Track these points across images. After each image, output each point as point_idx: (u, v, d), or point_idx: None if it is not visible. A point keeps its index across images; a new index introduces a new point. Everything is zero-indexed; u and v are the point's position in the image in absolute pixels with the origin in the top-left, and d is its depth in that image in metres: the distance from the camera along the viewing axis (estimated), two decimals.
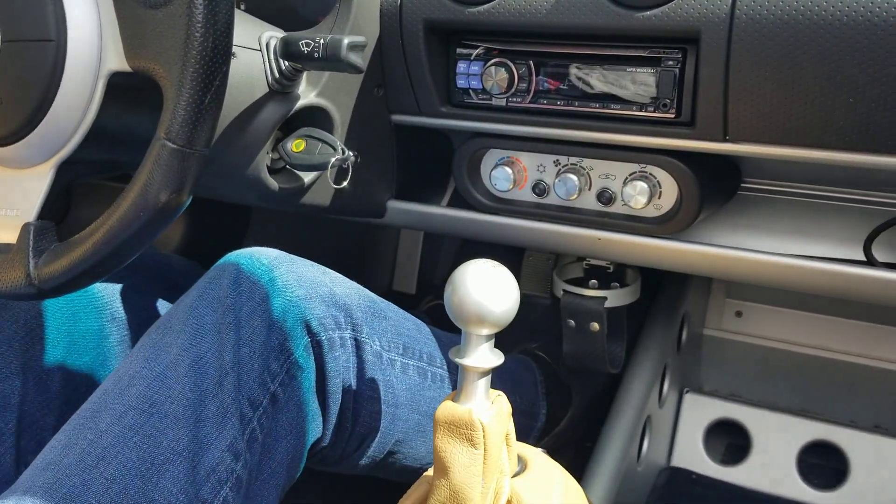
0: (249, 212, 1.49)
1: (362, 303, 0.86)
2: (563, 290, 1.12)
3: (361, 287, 0.89)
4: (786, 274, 0.87)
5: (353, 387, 0.83)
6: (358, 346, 0.83)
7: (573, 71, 0.89)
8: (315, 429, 0.82)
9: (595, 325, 1.10)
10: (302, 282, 0.81)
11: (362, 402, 0.84)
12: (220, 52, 0.61)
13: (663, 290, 1.32)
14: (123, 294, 0.99)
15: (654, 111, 0.85)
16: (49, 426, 0.88)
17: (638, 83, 0.85)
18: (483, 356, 0.66)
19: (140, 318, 0.99)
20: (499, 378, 1.06)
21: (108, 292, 0.97)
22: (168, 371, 0.72)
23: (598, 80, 0.87)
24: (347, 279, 0.88)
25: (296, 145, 0.87)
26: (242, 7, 1.03)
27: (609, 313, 1.10)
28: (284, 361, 0.78)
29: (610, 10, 0.81)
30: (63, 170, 0.69)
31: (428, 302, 1.51)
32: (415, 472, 0.77)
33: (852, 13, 0.71)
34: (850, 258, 0.90)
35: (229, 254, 0.82)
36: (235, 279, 0.79)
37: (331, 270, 0.87)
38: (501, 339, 0.68)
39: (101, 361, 0.95)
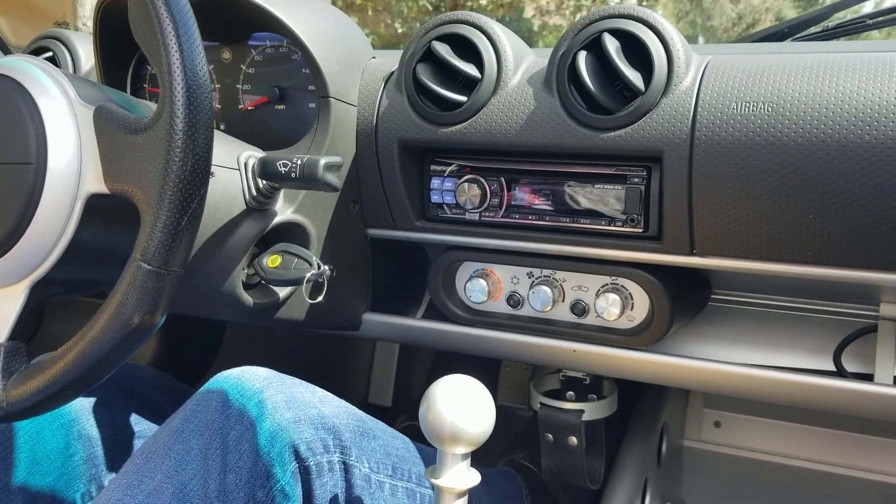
0: (224, 324, 1.48)
1: (351, 423, 0.84)
2: (541, 403, 1.11)
3: (349, 405, 0.88)
4: (758, 385, 0.88)
5: None
6: (346, 469, 0.81)
7: (544, 187, 0.91)
8: None
9: (573, 440, 1.09)
10: (291, 404, 0.79)
11: None
12: (198, 175, 0.63)
13: (641, 400, 1.32)
14: (91, 410, 0.96)
15: (622, 226, 0.87)
16: None
17: (606, 199, 0.88)
18: (459, 476, 0.65)
19: (108, 435, 0.96)
20: (486, 492, 1.04)
21: (75, 408, 0.95)
22: (151, 499, 0.70)
23: (568, 195, 0.90)
24: (335, 397, 0.87)
25: (271, 261, 0.88)
26: (222, 127, 1.06)
27: (587, 426, 1.09)
28: (270, 489, 0.75)
29: (577, 131, 0.84)
30: (37, 290, 0.69)
31: (402, 422, 1.48)
32: None
33: (807, 135, 0.74)
34: (820, 369, 0.91)
35: (218, 375, 0.81)
36: (224, 402, 0.77)
37: (319, 388, 0.86)
38: (486, 449, 0.68)
39: (66, 482, 0.91)
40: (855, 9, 1.33)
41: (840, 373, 0.90)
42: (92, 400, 0.97)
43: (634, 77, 0.81)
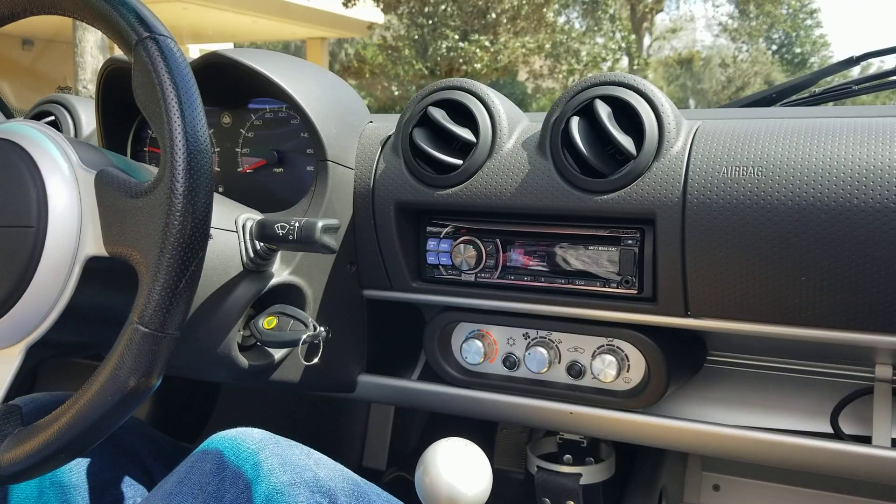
0: (219, 384, 1.47)
1: (346, 486, 0.83)
2: (538, 467, 1.10)
3: (344, 468, 0.87)
4: (757, 448, 0.87)
5: None
6: None
7: (539, 248, 0.92)
8: None
9: None
10: (287, 466, 0.78)
11: None
12: (197, 239, 0.63)
13: (639, 463, 1.30)
14: None
15: (616, 287, 0.88)
16: None
17: (600, 261, 0.89)
18: None
19: (82, 482, 0.94)
20: None
21: None
22: None
23: (562, 257, 0.91)
24: (330, 459, 0.86)
25: (267, 322, 0.88)
26: (221, 190, 1.08)
27: (585, 490, 1.07)
28: None
29: (570, 193, 0.86)
30: (33, 352, 0.69)
31: (391, 473, 1.46)
32: None
33: (796, 198, 0.76)
34: (818, 431, 0.91)
35: (213, 436, 0.80)
36: (219, 464, 0.76)
37: (314, 451, 0.85)
38: None
39: None
40: (842, 74, 1.36)
41: (838, 435, 0.90)
42: None
43: (626, 142, 0.83)
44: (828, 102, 1.25)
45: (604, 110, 0.84)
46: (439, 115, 0.93)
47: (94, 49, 7.55)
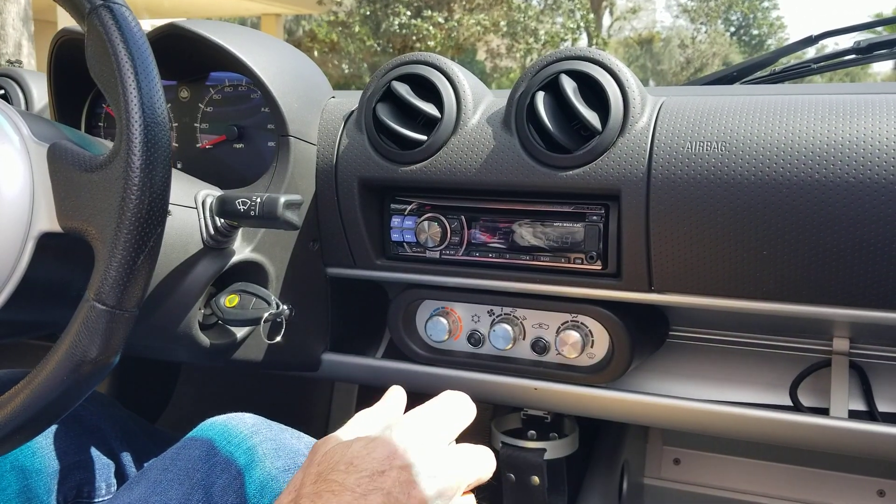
0: (179, 364, 1.45)
1: None
2: (502, 443, 1.10)
3: None
4: (717, 421, 0.89)
5: None
6: None
7: (503, 225, 0.92)
8: None
9: (535, 479, 1.08)
10: (280, 452, 0.77)
11: None
12: (155, 214, 0.61)
13: (601, 439, 1.32)
14: None
15: (581, 263, 0.88)
16: None
17: (566, 237, 0.89)
18: None
19: (44, 466, 0.91)
20: None
21: None
22: None
23: (527, 233, 0.91)
24: None
25: (229, 300, 0.87)
26: (179, 166, 1.05)
27: (549, 465, 1.08)
28: None
29: (536, 169, 0.85)
30: None
31: None
32: None
33: (759, 173, 0.76)
34: (777, 403, 0.92)
35: (204, 422, 0.78)
36: (208, 450, 0.74)
37: (303, 434, 0.84)
38: None
39: None
40: (798, 54, 1.38)
41: (797, 407, 0.91)
42: None
43: (591, 117, 0.83)
44: (786, 81, 1.26)
45: (569, 85, 0.84)
46: (403, 89, 0.92)
47: (15, 20, 7.16)
